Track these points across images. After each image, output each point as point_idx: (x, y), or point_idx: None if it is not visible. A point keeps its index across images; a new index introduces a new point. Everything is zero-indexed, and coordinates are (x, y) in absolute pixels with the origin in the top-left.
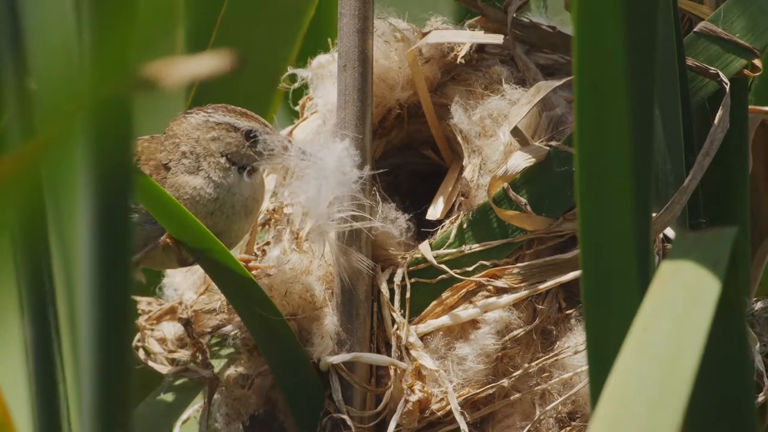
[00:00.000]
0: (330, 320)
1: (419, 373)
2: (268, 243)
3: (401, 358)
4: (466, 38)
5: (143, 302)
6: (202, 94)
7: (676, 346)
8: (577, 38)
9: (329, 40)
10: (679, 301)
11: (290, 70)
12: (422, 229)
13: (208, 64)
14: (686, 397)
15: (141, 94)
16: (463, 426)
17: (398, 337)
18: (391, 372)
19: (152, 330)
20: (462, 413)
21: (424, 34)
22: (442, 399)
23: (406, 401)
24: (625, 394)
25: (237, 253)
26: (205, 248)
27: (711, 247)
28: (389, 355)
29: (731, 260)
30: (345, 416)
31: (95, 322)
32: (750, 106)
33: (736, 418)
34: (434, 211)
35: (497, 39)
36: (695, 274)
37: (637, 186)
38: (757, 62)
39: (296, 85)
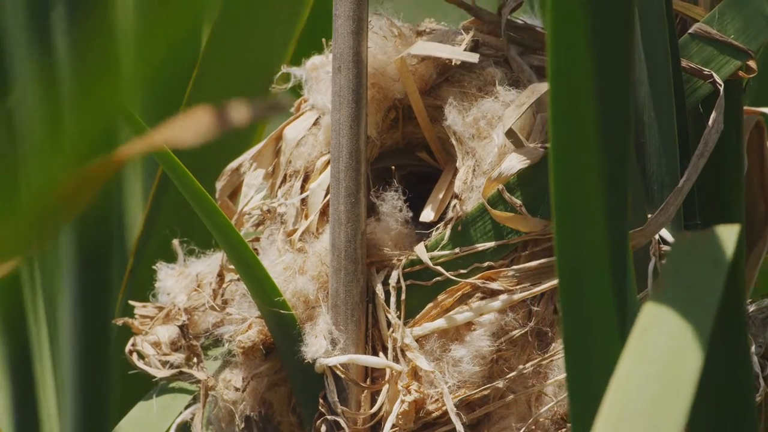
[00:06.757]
0: (323, 321)
1: (415, 374)
2: (257, 239)
3: (396, 360)
4: (446, 53)
5: (138, 307)
6: (194, 99)
7: (678, 347)
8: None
9: (323, 40)
10: (681, 301)
11: (284, 69)
12: (417, 231)
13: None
14: (690, 398)
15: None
16: (459, 427)
17: (394, 339)
18: (387, 374)
19: (146, 334)
20: (458, 414)
21: (419, 33)
22: (437, 400)
23: (402, 401)
24: (627, 395)
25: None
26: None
27: (711, 247)
28: (385, 357)
29: (733, 260)
30: (340, 418)
31: (76, 333)
32: (745, 108)
33: (737, 419)
34: (428, 214)
35: (473, 57)
36: (696, 275)
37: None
38: (751, 64)
39: (290, 84)
